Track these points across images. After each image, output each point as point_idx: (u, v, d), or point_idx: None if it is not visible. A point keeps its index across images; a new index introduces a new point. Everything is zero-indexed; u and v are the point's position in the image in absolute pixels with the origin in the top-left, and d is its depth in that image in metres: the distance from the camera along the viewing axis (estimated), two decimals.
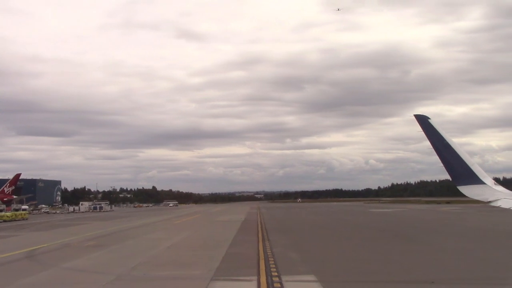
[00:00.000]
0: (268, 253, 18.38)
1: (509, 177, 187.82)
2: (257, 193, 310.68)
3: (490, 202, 10.30)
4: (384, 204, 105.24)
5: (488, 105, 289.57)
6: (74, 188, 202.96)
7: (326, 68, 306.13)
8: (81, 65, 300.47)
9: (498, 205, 9.93)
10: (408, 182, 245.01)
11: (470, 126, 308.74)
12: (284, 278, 12.84)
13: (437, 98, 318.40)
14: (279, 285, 11.97)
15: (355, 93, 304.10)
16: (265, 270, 14.19)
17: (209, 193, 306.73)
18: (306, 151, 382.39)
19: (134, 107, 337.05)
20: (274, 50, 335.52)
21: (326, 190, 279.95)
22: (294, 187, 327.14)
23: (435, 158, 11.59)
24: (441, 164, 11.47)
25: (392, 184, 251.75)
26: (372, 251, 19.27)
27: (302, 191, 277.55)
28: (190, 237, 27.68)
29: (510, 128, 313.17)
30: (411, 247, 20.78)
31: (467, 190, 11.09)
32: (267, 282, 12.21)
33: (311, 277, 13.06)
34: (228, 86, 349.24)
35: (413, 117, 12.18)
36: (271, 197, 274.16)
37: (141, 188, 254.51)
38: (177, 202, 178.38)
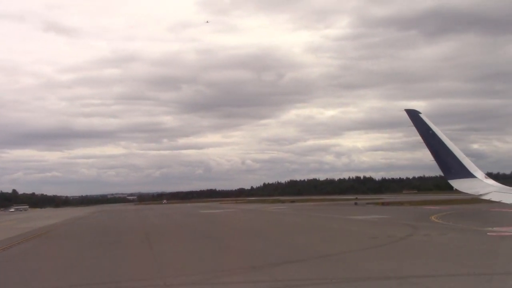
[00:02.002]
0: None
1: (369, 176, 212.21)
2: (131, 194, 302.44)
3: (481, 195, 10.42)
4: (235, 205, 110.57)
5: (354, 108, 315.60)
6: None
7: (202, 69, 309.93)
8: None
9: (488, 198, 10.07)
10: (279, 181, 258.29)
11: (339, 128, 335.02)
12: None
13: (309, 101, 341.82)
14: None
15: (232, 94, 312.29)
16: None
17: (79, 196, 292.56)
18: (183, 151, 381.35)
19: None
20: (149, 49, 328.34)
21: (201, 190, 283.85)
22: (170, 188, 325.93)
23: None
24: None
25: (264, 184, 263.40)
26: (68, 258, 21.89)
27: (178, 192, 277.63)
28: None
29: (373, 130, 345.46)
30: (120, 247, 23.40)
31: (458, 184, 10.96)
32: None
33: None
34: (101, 84, 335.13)
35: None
36: (144, 198, 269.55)
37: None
38: (27, 207, 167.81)
